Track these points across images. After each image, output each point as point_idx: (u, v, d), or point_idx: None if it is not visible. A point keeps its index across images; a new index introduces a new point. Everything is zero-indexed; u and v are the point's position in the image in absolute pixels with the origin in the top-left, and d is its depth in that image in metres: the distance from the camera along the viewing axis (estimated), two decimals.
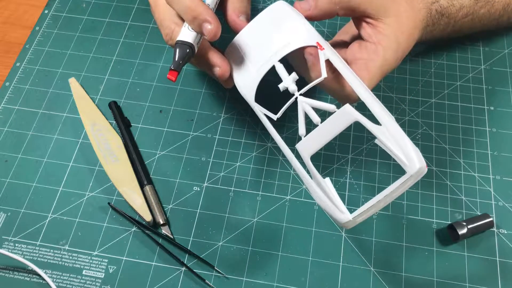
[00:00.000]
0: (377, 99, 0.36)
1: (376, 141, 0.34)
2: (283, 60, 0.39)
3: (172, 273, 0.43)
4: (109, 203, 0.47)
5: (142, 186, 0.47)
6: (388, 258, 0.44)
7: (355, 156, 0.49)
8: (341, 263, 0.44)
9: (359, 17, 0.42)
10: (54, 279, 0.43)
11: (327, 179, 0.35)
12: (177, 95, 0.54)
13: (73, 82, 0.54)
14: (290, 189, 0.48)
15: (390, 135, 0.33)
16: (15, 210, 0.47)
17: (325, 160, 0.49)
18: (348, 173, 0.48)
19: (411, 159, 0.32)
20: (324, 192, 0.35)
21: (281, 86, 0.38)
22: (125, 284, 0.43)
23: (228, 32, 0.44)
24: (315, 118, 0.36)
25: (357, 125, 0.51)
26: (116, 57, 0.57)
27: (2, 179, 0.48)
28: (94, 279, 0.43)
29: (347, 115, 0.34)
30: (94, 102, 0.53)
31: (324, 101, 0.37)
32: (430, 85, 0.54)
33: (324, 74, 0.37)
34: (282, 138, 0.38)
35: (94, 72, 0.56)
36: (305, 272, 0.43)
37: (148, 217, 0.45)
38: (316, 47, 0.38)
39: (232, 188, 0.48)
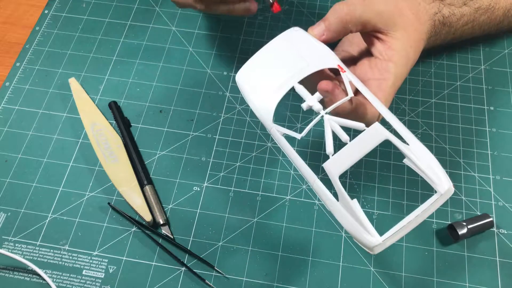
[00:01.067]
0: (399, 120, 0.36)
1: (405, 160, 0.34)
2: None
3: (172, 273, 0.43)
4: (109, 203, 0.47)
5: (142, 186, 0.47)
6: (388, 258, 0.44)
7: None
8: (341, 263, 0.44)
9: (369, 33, 0.42)
10: (54, 279, 0.43)
11: (355, 200, 0.34)
12: (177, 95, 0.54)
13: (73, 82, 0.54)
14: (290, 189, 0.48)
15: (418, 155, 0.34)
16: (15, 210, 0.47)
17: (325, 160, 0.49)
18: (348, 173, 0.48)
19: (441, 178, 0.33)
20: (351, 214, 0.33)
21: (304, 106, 0.37)
22: (125, 284, 0.43)
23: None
24: (344, 136, 0.35)
25: (357, 132, 0.51)
26: (116, 57, 0.57)
27: (2, 179, 0.48)
28: (94, 279, 0.43)
29: (377, 133, 0.34)
30: (94, 102, 0.53)
31: None
32: (430, 85, 0.54)
33: (351, 93, 0.36)
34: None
35: (94, 72, 0.56)
36: (305, 272, 0.43)
37: (148, 217, 0.45)
38: (337, 70, 0.38)
39: (232, 188, 0.48)
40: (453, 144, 0.50)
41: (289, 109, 0.52)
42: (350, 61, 0.44)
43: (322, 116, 0.36)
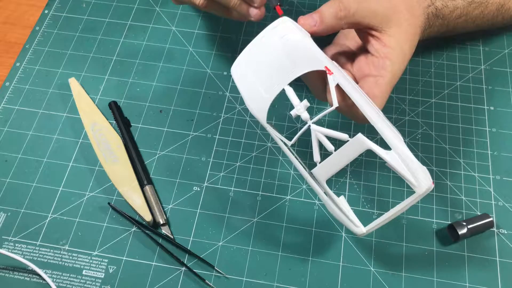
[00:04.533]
0: (387, 120, 0.37)
1: (387, 164, 0.36)
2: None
3: (172, 273, 0.43)
4: (109, 203, 0.47)
5: (142, 186, 0.47)
6: (388, 258, 0.44)
7: None
8: (341, 263, 0.44)
9: (362, 30, 0.42)
10: (54, 279, 0.43)
11: (342, 197, 0.39)
12: (177, 95, 0.54)
13: (73, 82, 0.54)
14: (290, 189, 0.48)
15: (400, 158, 0.35)
16: (15, 210, 0.47)
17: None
18: (348, 173, 0.48)
19: (420, 180, 0.35)
20: (339, 208, 0.38)
21: (293, 113, 0.38)
22: (125, 284, 0.43)
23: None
24: (329, 146, 0.37)
25: (356, 127, 0.51)
26: (116, 57, 0.57)
27: (2, 179, 0.48)
28: (94, 279, 0.43)
29: (360, 143, 0.36)
30: (94, 102, 0.53)
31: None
32: (430, 85, 0.54)
33: (336, 103, 0.37)
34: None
35: (94, 72, 0.56)
36: (305, 272, 0.43)
37: (148, 217, 0.45)
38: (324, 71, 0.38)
39: (232, 188, 0.48)
40: (453, 144, 0.50)
41: (289, 109, 0.52)
42: (348, 56, 0.44)
43: (309, 125, 0.38)
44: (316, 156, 0.38)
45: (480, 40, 0.57)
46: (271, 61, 0.39)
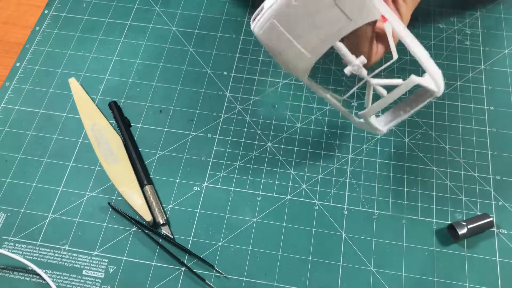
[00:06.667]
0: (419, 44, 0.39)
1: (422, 87, 0.38)
2: None
3: (172, 273, 0.43)
4: (109, 203, 0.47)
5: (142, 186, 0.47)
6: (388, 258, 0.44)
7: (355, 156, 0.49)
8: (341, 263, 0.44)
9: None
10: (54, 279, 0.43)
11: (372, 117, 0.41)
12: (177, 95, 0.54)
13: (73, 82, 0.54)
14: (290, 189, 0.48)
15: (431, 77, 0.37)
16: (15, 210, 0.47)
17: (325, 160, 0.49)
18: (348, 173, 0.48)
19: (439, 86, 0.38)
20: (367, 121, 0.41)
21: (347, 71, 0.35)
22: (125, 284, 0.43)
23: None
24: (383, 92, 0.38)
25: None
26: (116, 57, 0.57)
27: (2, 179, 0.48)
28: (94, 279, 0.43)
29: (408, 81, 0.36)
30: (94, 102, 0.53)
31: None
32: None
33: (395, 55, 0.36)
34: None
35: (94, 72, 0.56)
36: (305, 272, 0.43)
37: (148, 217, 0.45)
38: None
39: (232, 188, 0.48)
40: (453, 144, 0.50)
41: (289, 109, 0.52)
42: None
43: (367, 81, 0.37)
44: (369, 103, 0.39)
45: (480, 40, 0.57)
46: (310, 12, 0.34)
